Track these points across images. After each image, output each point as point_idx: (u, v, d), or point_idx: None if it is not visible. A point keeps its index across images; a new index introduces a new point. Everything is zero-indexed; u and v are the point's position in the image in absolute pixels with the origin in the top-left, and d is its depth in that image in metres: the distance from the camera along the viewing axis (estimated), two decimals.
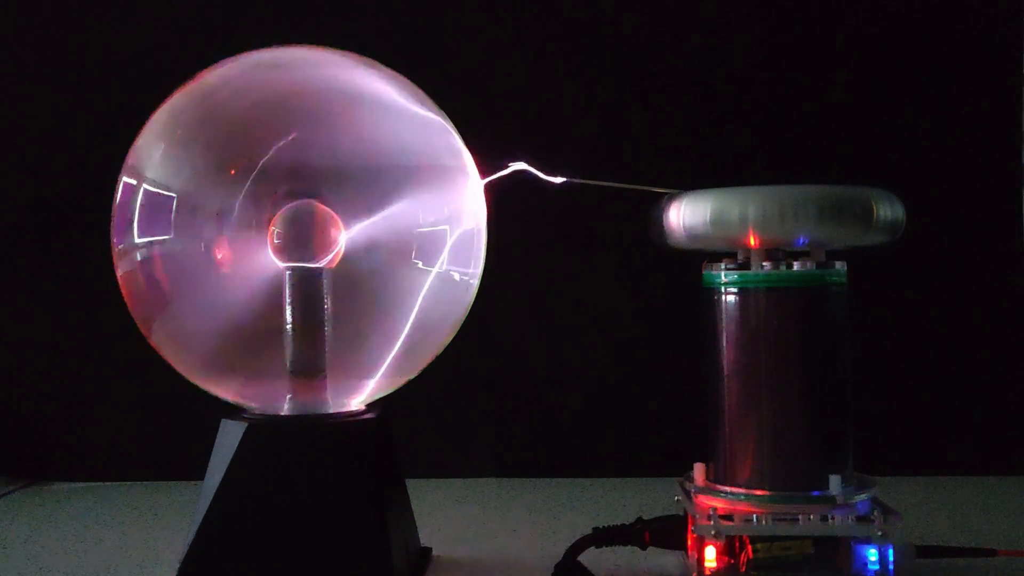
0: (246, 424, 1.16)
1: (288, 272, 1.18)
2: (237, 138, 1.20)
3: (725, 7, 1.85)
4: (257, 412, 1.21)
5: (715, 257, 1.21)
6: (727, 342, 1.18)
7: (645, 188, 1.26)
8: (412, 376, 1.28)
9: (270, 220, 1.17)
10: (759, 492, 1.15)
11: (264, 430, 1.16)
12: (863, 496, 1.15)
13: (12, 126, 1.90)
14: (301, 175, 1.18)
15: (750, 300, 1.16)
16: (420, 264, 1.21)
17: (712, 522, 1.11)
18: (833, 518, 1.11)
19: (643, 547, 1.19)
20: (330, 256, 1.18)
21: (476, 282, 1.27)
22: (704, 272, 1.21)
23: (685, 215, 1.17)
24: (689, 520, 1.15)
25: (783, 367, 1.16)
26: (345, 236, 1.18)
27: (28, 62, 1.90)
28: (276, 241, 1.17)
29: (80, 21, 1.89)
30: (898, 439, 1.81)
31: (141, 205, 1.18)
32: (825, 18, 1.84)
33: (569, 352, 1.87)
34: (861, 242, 1.17)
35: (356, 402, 1.24)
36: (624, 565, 1.26)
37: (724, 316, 1.18)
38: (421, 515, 1.35)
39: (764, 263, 1.16)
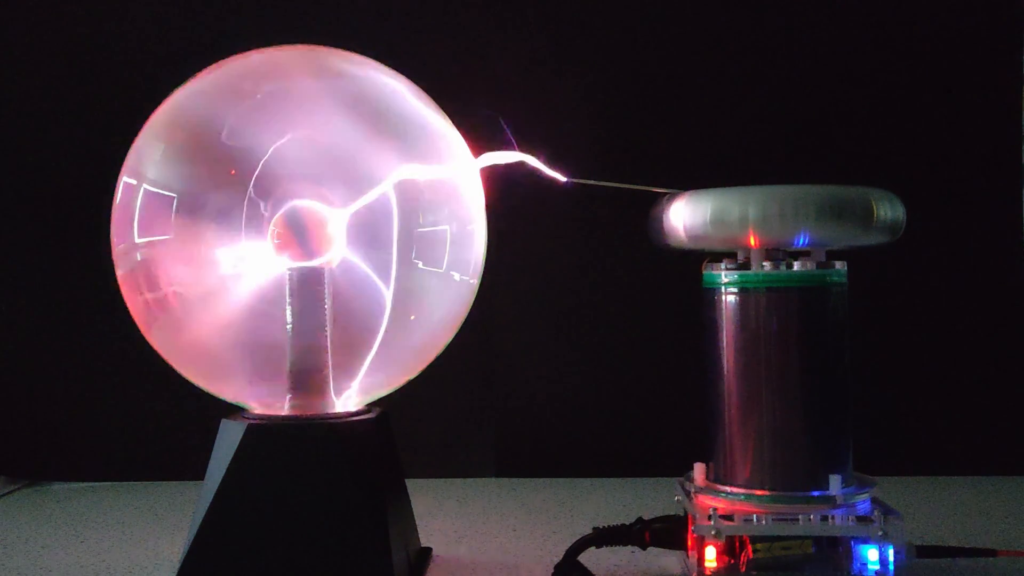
0: (246, 424, 1.16)
1: (288, 272, 1.18)
2: (237, 138, 1.19)
3: (725, 6, 1.85)
4: (257, 412, 1.21)
5: (715, 257, 1.21)
6: (727, 342, 1.18)
7: (645, 188, 1.26)
8: (412, 376, 1.28)
9: (270, 220, 1.17)
10: (759, 492, 1.15)
11: (264, 430, 1.16)
12: (863, 496, 1.15)
13: (12, 126, 1.90)
14: (301, 175, 1.18)
15: (750, 300, 1.16)
16: (420, 264, 1.21)
17: (712, 522, 1.11)
18: (833, 518, 1.11)
19: (643, 547, 1.19)
20: (330, 256, 1.18)
21: (476, 282, 1.27)
22: (704, 272, 1.21)
23: (685, 215, 1.17)
24: (689, 520, 1.15)
25: (783, 367, 1.16)
26: (345, 235, 1.18)
27: (28, 62, 1.90)
28: (276, 241, 1.17)
29: (80, 21, 1.89)
30: (898, 439, 1.81)
31: (141, 205, 1.18)
32: (825, 18, 1.84)
33: (569, 352, 1.87)
34: (861, 242, 1.17)
35: (356, 402, 1.24)
36: (624, 565, 1.26)
37: (724, 316, 1.18)
38: (421, 515, 1.35)
39: (764, 263, 1.16)
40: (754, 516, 1.12)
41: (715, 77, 1.85)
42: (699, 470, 1.20)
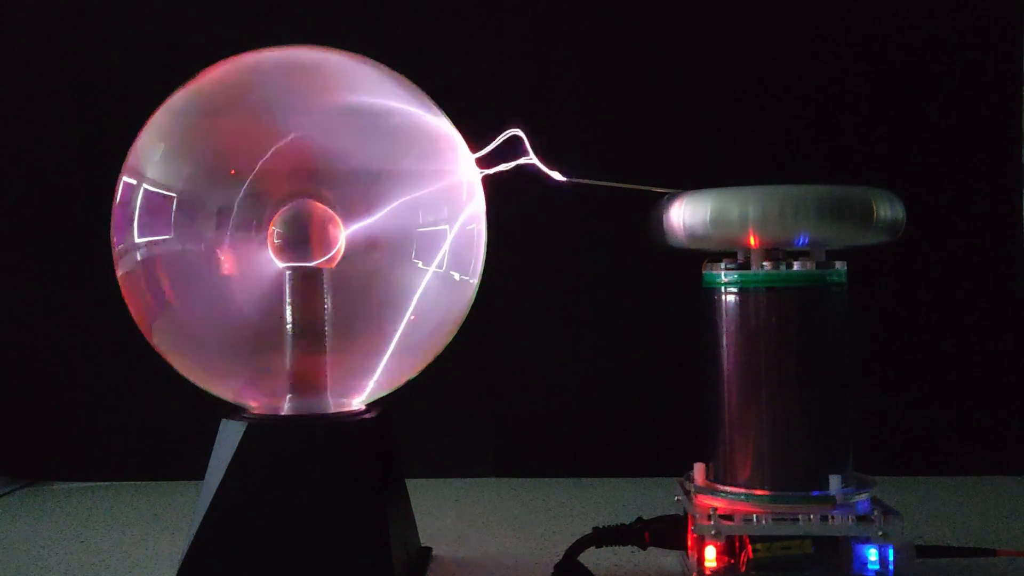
0: (246, 424, 1.16)
1: (288, 272, 1.18)
2: (237, 138, 1.20)
3: (725, 7, 1.85)
4: (257, 412, 1.21)
5: (715, 257, 1.21)
6: (727, 342, 1.18)
7: (645, 188, 1.26)
8: (412, 376, 1.28)
9: (270, 220, 1.17)
10: (759, 492, 1.15)
11: (264, 430, 1.16)
12: (863, 496, 1.15)
13: (12, 126, 1.90)
14: (301, 175, 1.18)
15: (750, 300, 1.16)
16: (420, 264, 1.21)
17: (712, 522, 1.11)
18: (833, 518, 1.11)
19: (643, 547, 1.19)
20: (330, 256, 1.18)
21: (476, 282, 1.27)
22: (704, 272, 1.21)
23: (685, 215, 1.17)
24: (689, 520, 1.15)
25: (783, 367, 1.16)
26: (345, 236, 1.18)
27: (28, 62, 1.90)
28: (276, 241, 1.17)
29: (80, 21, 1.89)
30: (898, 439, 1.81)
31: (141, 205, 1.18)
32: (825, 18, 1.84)
33: (569, 352, 1.87)
34: (861, 242, 1.17)
35: (356, 402, 1.24)
36: (624, 565, 1.26)
37: (724, 316, 1.18)
38: (421, 515, 1.35)
39: (764, 263, 1.16)
40: (754, 516, 1.12)
41: (715, 77, 1.85)
42: (699, 470, 1.20)
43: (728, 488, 1.17)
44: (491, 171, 1.26)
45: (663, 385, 1.82)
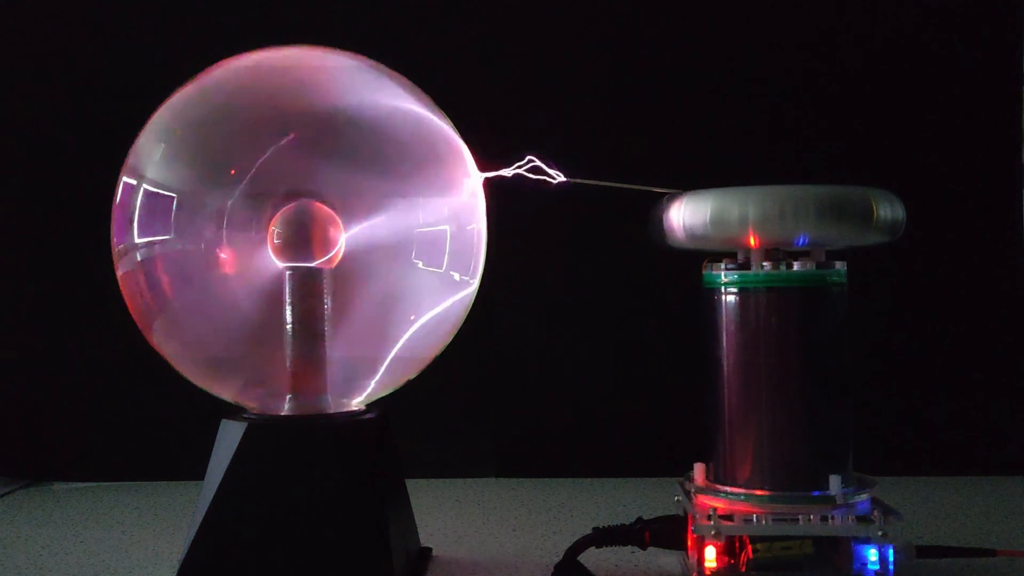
0: (246, 424, 1.16)
1: (288, 272, 1.18)
2: (237, 138, 1.19)
3: (725, 7, 1.85)
4: (257, 412, 1.21)
5: (715, 257, 1.21)
6: (727, 342, 1.18)
7: (645, 188, 1.26)
8: (412, 376, 1.28)
9: (270, 220, 1.17)
10: (759, 492, 1.15)
11: (264, 430, 1.16)
12: (863, 496, 1.15)
13: (12, 126, 1.90)
14: (301, 175, 1.18)
15: (750, 300, 1.16)
16: (420, 264, 1.21)
17: (712, 522, 1.11)
18: (833, 518, 1.11)
19: (643, 547, 1.19)
20: (330, 256, 1.18)
21: (476, 282, 1.27)
22: (704, 272, 1.21)
23: (685, 215, 1.17)
24: (689, 520, 1.15)
25: (783, 367, 1.16)
26: (345, 236, 1.18)
27: (28, 62, 1.90)
28: (276, 241, 1.17)
29: (80, 21, 1.89)
30: (898, 439, 1.81)
31: (141, 205, 1.18)
32: (825, 18, 1.84)
33: (569, 352, 1.87)
34: (861, 242, 1.17)
35: (356, 402, 1.24)
36: (624, 565, 1.26)
37: (724, 316, 1.18)
38: (421, 515, 1.35)
39: (764, 263, 1.16)
40: (754, 516, 1.12)
41: (715, 77, 1.85)
42: (699, 470, 1.20)
43: (728, 488, 1.17)
44: (492, 175, 1.26)
45: (663, 385, 1.82)
